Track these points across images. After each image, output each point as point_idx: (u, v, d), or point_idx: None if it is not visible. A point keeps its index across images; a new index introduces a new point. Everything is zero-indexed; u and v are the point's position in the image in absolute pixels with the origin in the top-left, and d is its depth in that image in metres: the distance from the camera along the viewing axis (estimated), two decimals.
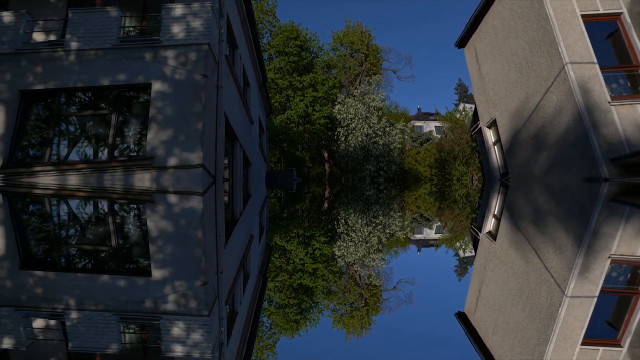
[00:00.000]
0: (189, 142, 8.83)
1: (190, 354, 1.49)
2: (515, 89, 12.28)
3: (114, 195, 8.18)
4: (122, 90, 9.45)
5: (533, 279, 2.33)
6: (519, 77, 11.97)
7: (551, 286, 2.17)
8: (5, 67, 9.42)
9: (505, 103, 13.01)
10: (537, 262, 2.73)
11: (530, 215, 5.75)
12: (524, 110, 11.84)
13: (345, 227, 4.81)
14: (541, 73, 10.75)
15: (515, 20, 11.86)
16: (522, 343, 1.51)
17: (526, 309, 1.85)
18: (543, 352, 1.38)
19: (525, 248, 3.29)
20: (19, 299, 2.02)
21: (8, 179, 8.84)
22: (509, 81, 12.56)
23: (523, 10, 11.43)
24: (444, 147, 23.32)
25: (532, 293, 2.08)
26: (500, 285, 2.33)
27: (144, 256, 3.08)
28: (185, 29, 9.56)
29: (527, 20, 11.26)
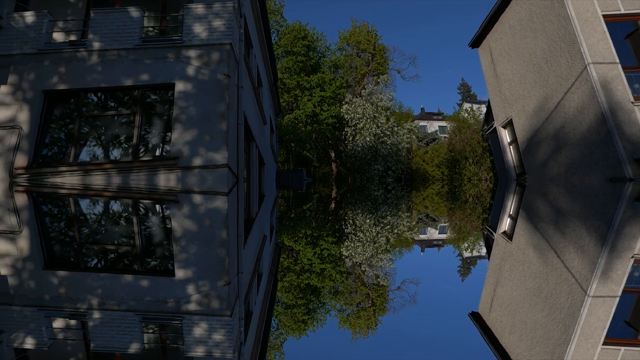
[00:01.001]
0: (213, 142, 8.83)
1: (212, 354, 1.49)
2: (533, 88, 12.25)
3: (138, 195, 8.18)
4: (145, 90, 9.47)
5: (552, 279, 2.32)
6: (537, 77, 11.95)
7: (572, 286, 2.16)
8: (29, 67, 9.44)
9: (522, 103, 12.99)
10: (557, 262, 2.72)
11: (549, 215, 5.72)
12: (543, 110, 11.82)
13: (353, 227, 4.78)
14: (561, 73, 10.73)
15: (534, 20, 11.84)
16: (541, 343, 1.50)
17: (545, 309, 1.85)
18: (564, 352, 1.37)
19: (544, 248, 3.27)
20: (42, 299, 2.03)
21: (32, 179, 8.86)
22: (527, 81, 12.53)
23: (542, 11, 11.41)
24: (455, 147, 23.29)
25: (551, 293, 2.07)
26: (518, 285, 2.31)
27: (167, 256, 3.09)
28: (207, 28, 9.57)
29: (546, 20, 11.24)
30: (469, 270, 2.93)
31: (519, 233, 4.14)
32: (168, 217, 5.37)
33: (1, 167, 8.84)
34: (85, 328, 1.71)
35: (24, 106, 9.22)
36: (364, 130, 29.06)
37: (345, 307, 2.07)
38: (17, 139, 8.95)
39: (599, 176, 9.73)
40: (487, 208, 7.94)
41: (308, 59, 32.05)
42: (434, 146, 31.85)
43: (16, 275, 2.40)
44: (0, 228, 3.90)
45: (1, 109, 9.20)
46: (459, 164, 22.96)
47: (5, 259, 2.75)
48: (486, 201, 9.52)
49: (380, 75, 34.71)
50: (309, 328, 1.80)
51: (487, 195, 11.25)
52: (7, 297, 2.04)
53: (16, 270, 2.50)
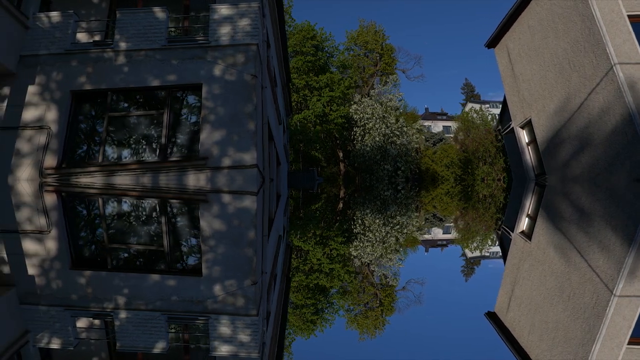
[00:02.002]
0: (242, 142, 8.84)
1: (237, 353, 1.48)
2: (554, 89, 12.24)
3: (167, 195, 8.19)
4: (173, 90, 9.48)
5: (575, 279, 2.30)
6: (559, 78, 11.94)
7: (597, 286, 2.14)
8: (56, 68, 9.47)
9: (543, 103, 12.98)
10: (580, 262, 2.69)
11: (571, 215, 5.69)
12: (564, 111, 11.81)
13: (362, 227, 4.76)
14: (585, 73, 10.72)
15: (555, 21, 11.83)
16: (563, 343, 1.49)
17: (567, 309, 1.83)
18: (588, 352, 1.36)
19: (566, 247, 3.25)
20: (69, 299, 2.02)
21: (62, 179, 8.88)
22: (548, 81, 12.52)
23: (565, 11, 11.40)
24: (468, 147, 23.26)
25: (574, 293, 2.05)
26: (537, 285, 2.29)
27: (195, 256, 3.09)
28: (233, 29, 9.58)
29: (569, 20, 11.23)
30: (472, 270, 2.92)
31: (538, 233, 4.12)
32: (196, 217, 5.38)
33: (31, 167, 8.87)
34: (109, 327, 1.71)
35: (52, 106, 9.25)
36: (373, 131, 29.04)
37: (353, 307, 2.06)
38: (46, 139, 8.98)
39: (625, 176, 9.72)
40: (501, 208, 7.92)
41: (317, 59, 32.06)
42: (443, 146, 31.82)
43: (43, 275, 2.40)
44: (29, 228, 3.91)
45: (30, 108, 9.22)
46: (472, 164, 22.94)
47: (33, 259, 2.75)
48: (499, 201, 9.50)
49: (389, 75, 34.69)
50: (317, 328, 1.80)
51: (500, 195, 11.23)
52: (34, 297, 2.04)
53: (43, 270, 2.50)
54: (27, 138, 9.03)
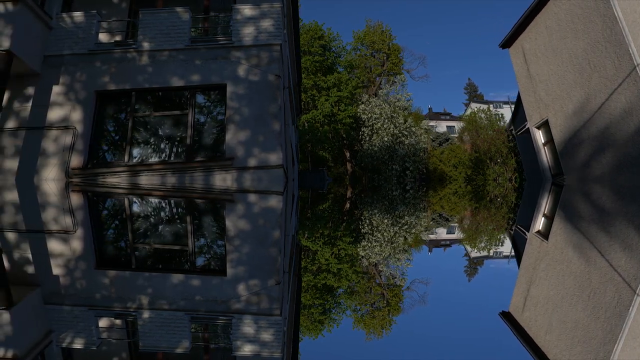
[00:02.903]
0: (267, 142, 8.85)
1: (260, 353, 1.48)
2: (573, 89, 12.24)
3: (194, 194, 8.21)
4: (197, 90, 9.49)
5: (596, 278, 2.28)
6: (578, 78, 11.94)
7: (619, 285, 2.12)
8: (80, 68, 9.49)
9: (560, 104, 12.97)
10: (601, 261, 2.68)
11: (591, 215, 5.66)
12: (584, 112, 11.81)
13: (370, 227, 4.76)
14: (606, 74, 10.72)
15: (575, 21, 11.82)
16: (582, 342, 1.48)
17: (587, 308, 1.81)
18: (610, 351, 1.35)
19: (585, 247, 3.23)
20: (93, 299, 2.02)
21: (88, 179, 8.90)
22: (566, 82, 12.52)
23: (584, 12, 11.39)
24: (479, 148, 23.28)
25: (594, 292, 2.03)
26: (555, 284, 2.27)
27: (219, 255, 3.09)
28: (256, 29, 9.59)
29: (589, 21, 11.22)
30: (475, 270, 2.91)
31: (555, 232, 4.09)
32: (222, 217, 5.39)
33: (57, 167, 8.89)
34: (129, 327, 1.71)
35: (77, 106, 9.27)
36: (381, 131, 29.02)
37: (359, 307, 2.06)
38: (72, 139, 8.99)
39: None
40: (513, 208, 7.90)
41: (324, 59, 32.07)
42: (451, 146, 31.82)
43: (68, 275, 2.40)
44: (55, 228, 3.91)
45: (54, 109, 9.24)
46: (483, 164, 22.97)
47: (58, 259, 2.75)
48: (510, 201, 9.49)
49: (396, 75, 34.68)
50: (325, 328, 1.79)
51: (511, 195, 11.23)
52: (58, 296, 2.04)
53: (68, 270, 2.50)
54: (53, 138, 9.05)
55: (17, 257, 2.79)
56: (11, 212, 5.49)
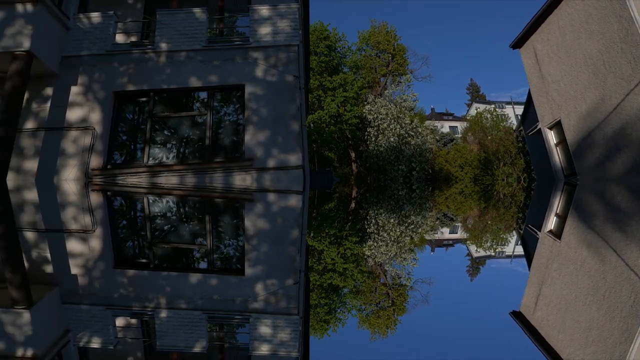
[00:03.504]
0: (286, 143, 8.86)
1: (277, 352, 1.48)
2: (587, 90, 12.24)
3: (213, 194, 8.22)
4: (215, 91, 9.50)
5: (611, 278, 2.26)
6: (592, 79, 11.93)
7: (635, 284, 2.10)
8: (98, 68, 9.50)
9: (574, 104, 12.97)
10: (617, 261, 2.65)
11: (606, 215, 5.63)
12: (598, 112, 11.80)
13: (376, 226, 4.73)
14: (622, 74, 10.71)
15: (589, 22, 11.82)
16: (597, 342, 1.46)
17: (602, 308, 1.79)
18: (626, 350, 1.33)
19: (600, 246, 3.21)
20: (111, 298, 2.02)
21: (107, 179, 8.91)
22: (580, 82, 12.51)
23: (599, 12, 11.39)
24: (488, 148, 23.32)
25: (610, 292, 2.00)
26: (568, 284, 2.25)
27: (238, 255, 3.08)
28: (273, 30, 9.60)
29: (604, 21, 11.22)
30: (477, 270, 2.89)
31: (569, 232, 4.06)
32: (241, 216, 5.40)
33: (77, 168, 8.90)
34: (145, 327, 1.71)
35: (96, 107, 9.28)
36: (387, 131, 29.00)
37: (364, 306, 2.04)
38: (91, 140, 9.01)
39: None
40: (522, 208, 7.89)
41: (330, 59, 32.04)
42: (456, 147, 31.83)
43: (86, 275, 2.40)
44: (74, 227, 3.92)
45: (73, 109, 9.26)
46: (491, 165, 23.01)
47: (77, 258, 2.75)
48: (519, 200, 9.47)
49: (401, 75, 34.67)
50: (330, 327, 1.78)
51: (520, 195, 11.23)
52: (76, 296, 2.03)
53: (87, 269, 2.50)
54: (72, 139, 9.07)
55: (35, 257, 2.79)
56: (31, 211, 5.51)
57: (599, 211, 6.15)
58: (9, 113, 8.12)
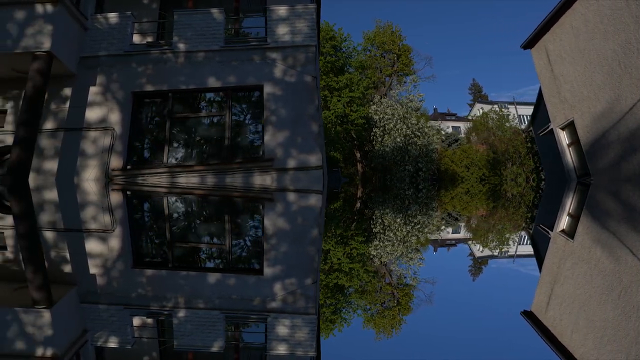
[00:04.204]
0: (306, 144, 8.86)
1: (294, 352, 1.48)
2: (601, 90, 12.23)
3: (234, 193, 8.22)
4: (234, 91, 9.51)
5: (627, 278, 2.25)
6: (607, 79, 11.92)
7: None
8: (116, 69, 9.51)
9: (588, 105, 12.96)
10: (632, 260, 2.63)
11: (622, 214, 5.61)
12: (613, 112, 11.79)
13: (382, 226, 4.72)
14: (638, 75, 10.70)
15: (604, 22, 11.81)
16: (613, 342, 1.45)
17: (618, 307, 1.78)
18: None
19: (615, 246, 3.19)
20: (129, 298, 2.02)
21: (127, 179, 8.92)
22: (594, 83, 12.50)
23: (615, 13, 11.38)
24: (497, 148, 23.34)
25: (625, 291, 1.99)
26: (582, 283, 2.24)
27: (257, 254, 3.08)
28: (291, 30, 9.61)
29: (620, 22, 11.21)
30: (480, 270, 2.88)
31: (582, 231, 4.04)
32: (260, 215, 5.39)
33: (97, 168, 8.91)
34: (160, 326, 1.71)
35: (114, 107, 9.29)
36: (393, 131, 29.00)
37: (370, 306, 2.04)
38: (110, 140, 9.01)
39: None
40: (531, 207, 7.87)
41: (336, 59, 32.04)
42: (463, 147, 31.82)
43: (105, 274, 2.40)
44: (94, 227, 3.93)
45: (92, 110, 9.27)
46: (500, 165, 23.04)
47: (96, 258, 2.76)
48: (528, 200, 9.46)
49: (407, 75, 34.67)
50: (336, 327, 1.78)
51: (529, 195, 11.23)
52: (94, 295, 2.03)
53: (105, 269, 2.51)
54: (92, 139, 9.08)
55: (54, 256, 2.79)
56: (51, 211, 5.52)
57: (614, 211, 6.14)
58: (30, 113, 8.13)
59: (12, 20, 8.52)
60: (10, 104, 9.50)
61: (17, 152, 7.86)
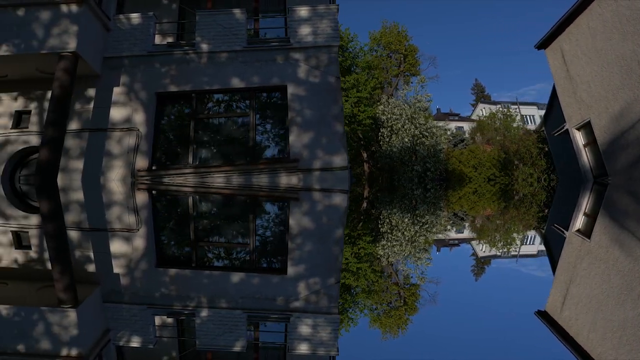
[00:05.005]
0: (331, 144, 8.87)
1: (316, 351, 1.47)
2: (619, 91, 12.21)
3: (260, 193, 8.22)
4: (258, 92, 9.51)
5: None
6: (625, 79, 11.91)
7: None
8: (140, 70, 9.52)
9: (605, 105, 12.94)
10: None
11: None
12: (632, 112, 11.78)
13: (389, 226, 4.71)
14: None
15: (623, 22, 11.80)
16: (632, 342, 1.44)
17: (637, 307, 1.78)
18: None
19: (634, 246, 3.18)
20: (152, 297, 2.02)
21: (153, 180, 8.93)
22: (612, 83, 12.49)
23: (634, 13, 11.36)
24: (508, 149, 23.33)
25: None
26: (599, 283, 2.23)
27: (281, 254, 3.08)
28: (313, 31, 9.61)
29: (639, 22, 11.20)
30: (482, 270, 2.87)
31: (599, 231, 4.02)
32: (285, 215, 5.40)
33: (122, 168, 8.92)
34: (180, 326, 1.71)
35: (139, 108, 9.30)
36: (401, 132, 28.99)
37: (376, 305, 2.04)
38: (135, 140, 9.02)
39: None
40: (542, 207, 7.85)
41: (343, 59, 32.03)
42: (470, 147, 31.81)
43: (128, 274, 2.40)
44: (119, 227, 3.94)
45: (116, 110, 9.28)
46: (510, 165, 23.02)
47: (120, 257, 2.76)
48: (540, 200, 9.44)
49: (413, 75, 34.67)
50: (343, 327, 1.79)
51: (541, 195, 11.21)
52: (117, 295, 2.04)
53: (129, 268, 2.51)
54: (117, 139, 9.09)
55: (78, 256, 2.80)
56: (77, 211, 5.54)
57: (633, 211, 6.13)
58: (57, 114, 8.14)
59: (37, 21, 8.53)
60: (34, 104, 9.51)
61: (46, 152, 7.87)
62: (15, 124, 9.43)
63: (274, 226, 4.47)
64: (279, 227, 4.36)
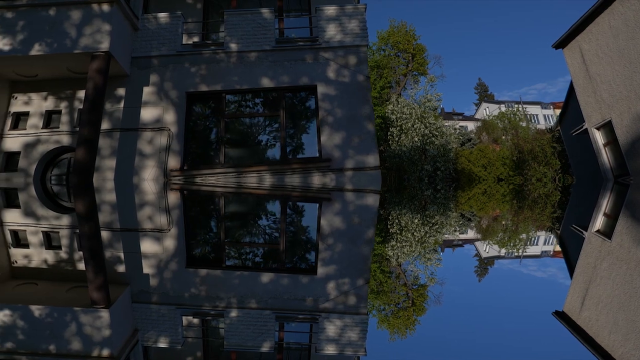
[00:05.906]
0: (363, 144, 8.87)
1: (344, 352, 1.47)
2: None
3: (293, 193, 8.22)
4: (288, 92, 9.51)
5: None
6: None
7: None
8: (170, 69, 9.52)
9: (627, 104, 12.93)
10: None
11: None
12: None
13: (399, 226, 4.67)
14: None
15: None
16: None
17: None
18: None
19: None
20: (182, 298, 2.02)
21: (185, 180, 8.93)
22: (634, 82, 12.47)
23: None
24: (523, 148, 23.30)
25: None
26: (621, 283, 2.21)
27: (311, 254, 3.07)
28: (341, 30, 9.60)
29: None
30: (485, 270, 2.87)
31: (620, 231, 3.97)
32: (316, 215, 5.39)
33: (154, 168, 8.92)
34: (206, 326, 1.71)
35: (169, 107, 9.30)
36: (411, 131, 28.96)
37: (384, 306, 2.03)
38: (167, 140, 9.03)
39: None
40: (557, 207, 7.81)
41: None
42: (479, 146, 31.78)
43: (158, 274, 2.40)
44: (150, 227, 3.93)
45: (147, 110, 9.29)
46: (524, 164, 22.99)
47: (151, 258, 2.76)
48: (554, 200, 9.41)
49: (422, 75, 34.64)
50: None
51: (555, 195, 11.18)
52: (146, 295, 2.04)
53: (159, 269, 2.50)
54: (148, 139, 9.09)
55: (109, 256, 2.80)
56: (109, 211, 5.53)
57: None
58: (92, 114, 8.15)
59: (69, 21, 8.54)
60: (65, 104, 9.53)
61: (82, 152, 7.88)
62: (45, 123, 9.45)
63: (305, 226, 4.45)
64: (310, 228, 4.35)
